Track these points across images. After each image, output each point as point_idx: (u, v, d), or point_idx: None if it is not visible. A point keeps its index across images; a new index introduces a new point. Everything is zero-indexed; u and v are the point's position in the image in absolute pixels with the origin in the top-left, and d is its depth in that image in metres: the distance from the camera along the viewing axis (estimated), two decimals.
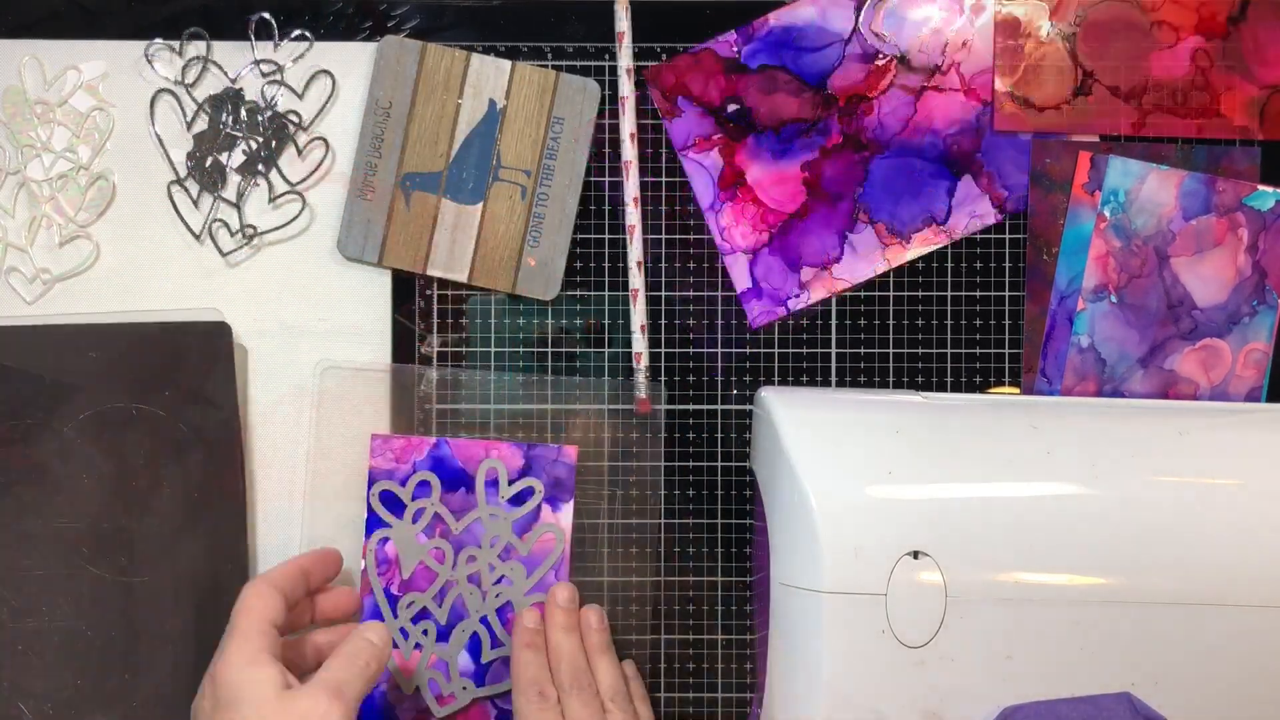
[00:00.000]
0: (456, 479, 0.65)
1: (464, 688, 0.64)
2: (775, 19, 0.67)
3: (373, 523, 0.65)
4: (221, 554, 0.65)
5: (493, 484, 0.65)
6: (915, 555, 0.58)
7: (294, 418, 0.67)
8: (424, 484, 0.65)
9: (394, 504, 0.65)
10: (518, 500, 0.65)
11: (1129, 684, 0.58)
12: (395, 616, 0.64)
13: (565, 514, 0.65)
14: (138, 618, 0.64)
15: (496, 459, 0.65)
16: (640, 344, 0.67)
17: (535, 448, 0.65)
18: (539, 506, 0.65)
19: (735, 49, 0.67)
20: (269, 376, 0.67)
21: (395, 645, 0.64)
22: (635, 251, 0.67)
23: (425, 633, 0.64)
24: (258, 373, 0.67)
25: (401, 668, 0.64)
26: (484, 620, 0.64)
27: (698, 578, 0.67)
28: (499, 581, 0.64)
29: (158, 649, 0.64)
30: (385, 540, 0.65)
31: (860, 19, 0.67)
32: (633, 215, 0.67)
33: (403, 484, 0.65)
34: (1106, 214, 0.67)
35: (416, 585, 0.64)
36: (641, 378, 0.67)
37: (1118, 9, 0.67)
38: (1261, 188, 0.67)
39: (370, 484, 0.65)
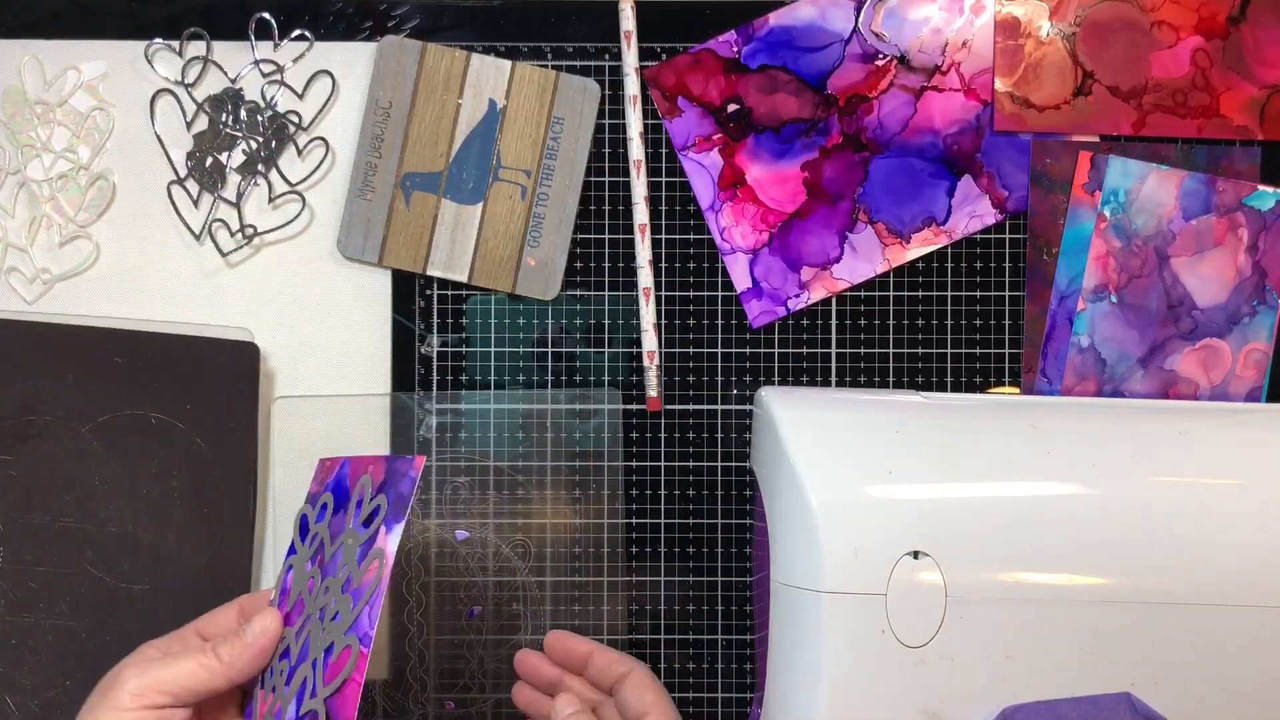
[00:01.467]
0: (345, 500, 0.57)
1: None
2: (775, 19, 0.67)
3: (289, 550, 0.59)
4: (224, 570, 0.65)
5: (359, 504, 0.55)
6: (915, 555, 0.58)
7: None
8: (324, 506, 0.57)
9: (304, 529, 0.58)
10: (369, 521, 0.54)
11: (1129, 684, 0.58)
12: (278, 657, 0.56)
13: (394, 538, 0.52)
14: (133, 625, 0.64)
15: (368, 473, 0.55)
16: (651, 342, 0.67)
17: (395, 460, 0.55)
18: (378, 529, 0.54)
19: (735, 49, 0.67)
20: (269, 377, 0.67)
21: (261, 686, 0.56)
22: (645, 250, 0.67)
23: (283, 673, 0.55)
24: (258, 373, 0.67)
25: (260, 714, 0.55)
26: (314, 663, 0.53)
27: (698, 578, 0.67)
28: (334, 618, 0.53)
29: None
30: (290, 569, 0.58)
31: (860, 19, 0.67)
32: (642, 214, 0.67)
33: (314, 507, 0.58)
34: (1106, 214, 0.67)
35: (290, 620, 0.56)
36: (652, 376, 0.67)
37: (1118, 9, 0.67)
38: (1261, 188, 0.67)
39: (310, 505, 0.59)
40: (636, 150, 0.67)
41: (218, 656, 0.54)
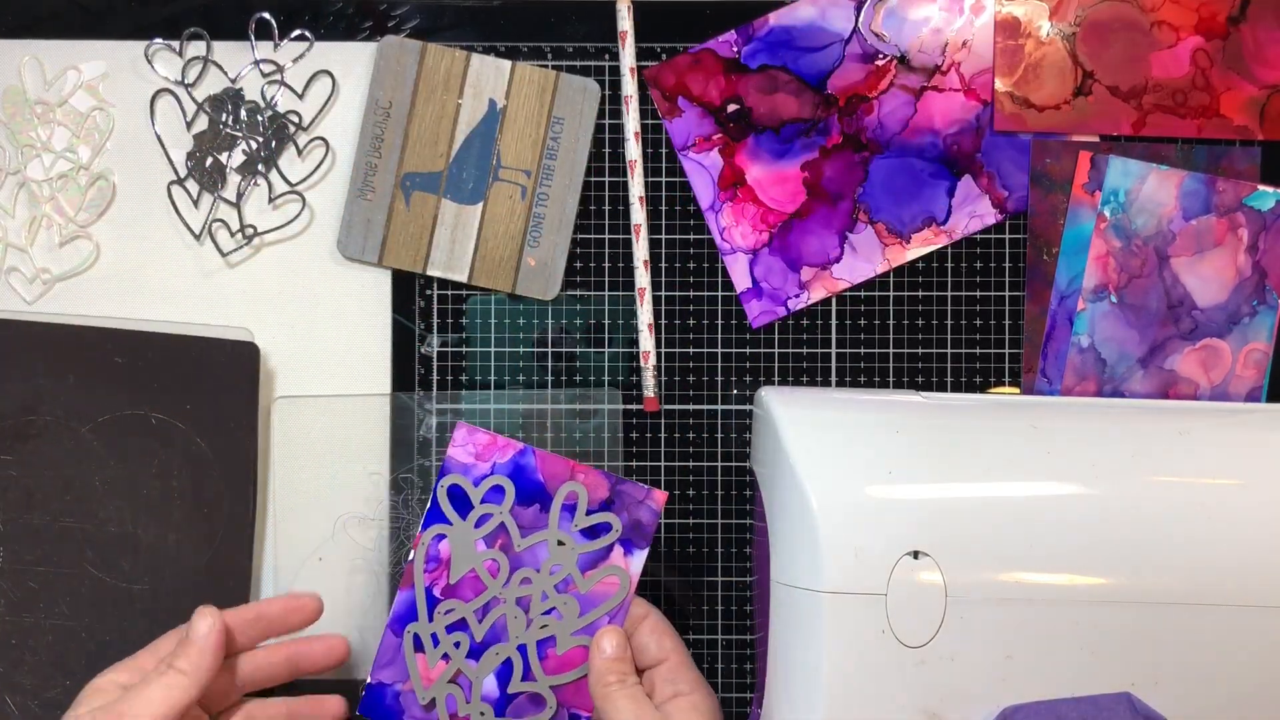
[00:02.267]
0: (533, 493, 0.60)
1: (482, 713, 0.59)
2: (775, 19, 0.67)
3: (433, 516, 0.60)
4: (224, 571, 0.65)
5: (570, 509, 0.60)
6: (915, 555, 0.58)
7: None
8: (498, 489, 0.60)
9: (461, 501, 0.60)
10: (591, 533, 0.59)
11: (1129, 684, 0.58)
12: (430, 620, 0.60)
13: (636, 561, 0.59)
14: (133, 625, 0.64)
15: (581, 483, 0.60)
16: (648, 342, 0.67)
17: (624, 483, 0.60)
18: (610, 546, 0.59)
19: (735, 49, 0.67)
20: (269, 377, 0.67)
21: (421, 649, 0.60)
22: (641, 250, 0.67)
23: (457, 645, 0.60)
24: (258, 373, 0.67)
25: (424, 675, 0.60)
26: (521, 649, 0.59)
27: (698, 578, 0.67)
28: (549, 613, 0.59)
29: None
30: (441, 538, 0.60)
31: (860, 19, 0.67)
32: (638, 214, 0.67)
33: (476, 484, 0.60)
34: (1106, 214, 0.67)
35: (461, 593, 0.60)
36: (649, 377, 0.67)
37: (1118, 9, 0.67)
38: (1261, 188, 0.67)
39: (442, 474, 0.60)
40: (632, 150, 0.67)
41: (179, 670, 0.56)
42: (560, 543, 0.59)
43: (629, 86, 0.67)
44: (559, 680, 0.59)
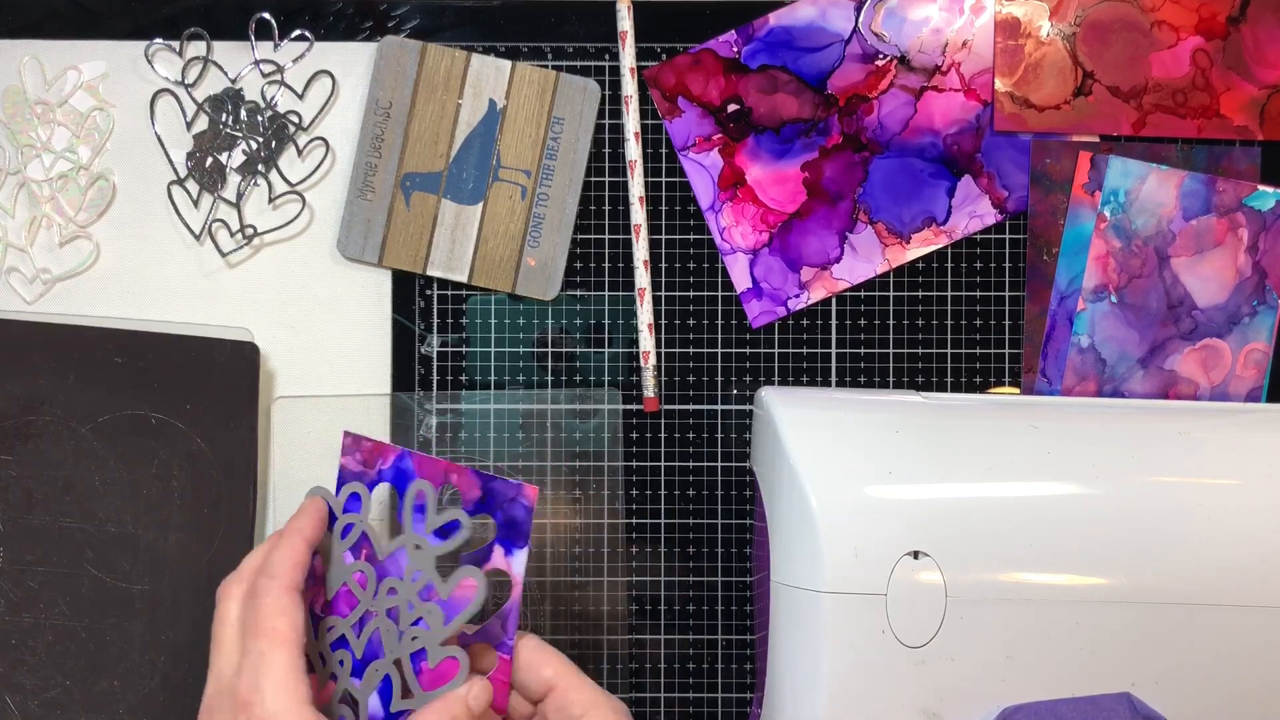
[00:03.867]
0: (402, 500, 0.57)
1: None
2: (775, 19, 0.67)
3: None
4: (224, 570, 0.64)
5: (420, 509, 0.55)
6: (915, 555, 0.58)
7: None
8: (355, 496, 0.57)
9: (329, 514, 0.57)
10: (443, 534, 0.54)
11: (1129, 684, 0.58)
12: (315, 638, 0.56)
13: (518, 560, 0.54)
14: (133, 625, 0.64)
15: (425, 482, 0.55)
16: (647, 342, 0.67)
17: (495, 480, 0.55)
18: (466, 544, 0.54)
19: (735, 49, 0.67)
20: (269, 377, 0.67)
21: (313, 670, 0.55)
22: (641, 250, 0.67)
23: (341, 663, 0.56)
24: (258, 373, 0.67)
25: (317, 696, 0.55)
26: (400, 665, 0.55)
27: (698, 578, 0.67)
28: (417, 623, 0.54)
29: (149, 659, 0.64)
30: (315, 554, 0.56)
31: (860, 19, 0.67)
32: (638, 214, 0.67)
33: (370, 488, 0.57)
34: (1106, 214, 0.67)
35: (339, 609, 0.56)
36: (649, 377, 0.67)
37: (1118, 9, 0.67)
38: (1261, 188, 0.67)
39: (340, 484, 0.58)
40: (632, 150, 0.67)
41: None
42: (417, 546, 0.55)
43: (629, 86, 0.67)
44: (436, 695, 0.54)
